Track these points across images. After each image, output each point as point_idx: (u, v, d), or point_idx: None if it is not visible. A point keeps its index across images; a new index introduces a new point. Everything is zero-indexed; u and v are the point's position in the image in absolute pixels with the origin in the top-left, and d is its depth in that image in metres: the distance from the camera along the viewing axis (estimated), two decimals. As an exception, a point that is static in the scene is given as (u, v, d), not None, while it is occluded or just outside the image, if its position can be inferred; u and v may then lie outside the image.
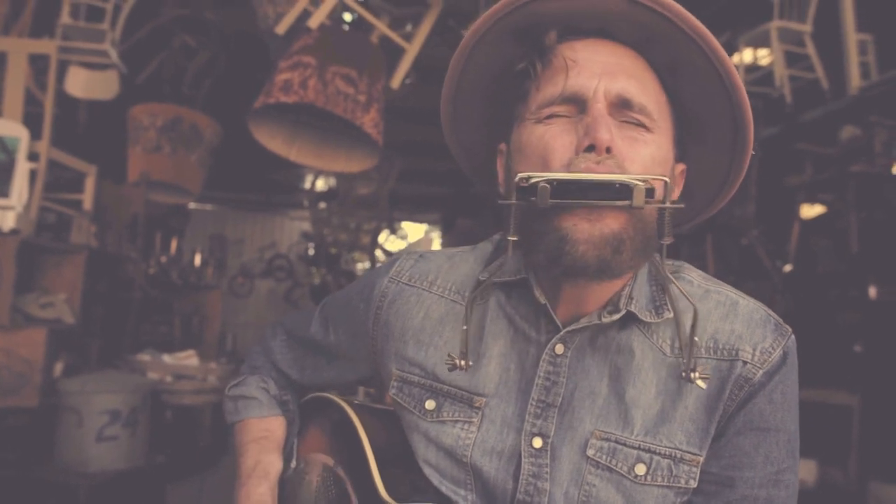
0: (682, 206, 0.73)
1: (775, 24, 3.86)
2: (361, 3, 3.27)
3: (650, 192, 0.66)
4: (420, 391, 0.86)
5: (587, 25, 0.77)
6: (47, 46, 3.51)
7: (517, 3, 0.75)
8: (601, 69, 0.75)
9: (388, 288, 0.92)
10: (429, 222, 11.42)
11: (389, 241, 9.43)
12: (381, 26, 3.13)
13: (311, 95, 2.76)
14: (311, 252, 9.08)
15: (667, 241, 0.68)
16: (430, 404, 0.85)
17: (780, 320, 0.81)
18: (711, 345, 0.78)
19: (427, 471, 0.85)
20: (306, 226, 9.96)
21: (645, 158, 0.74)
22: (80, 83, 4.02)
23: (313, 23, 2.99)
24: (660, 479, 0.76)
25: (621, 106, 0.74)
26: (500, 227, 0.89)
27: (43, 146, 3.30)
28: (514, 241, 0.69)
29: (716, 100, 0.77)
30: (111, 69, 3.96)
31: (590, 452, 0.77)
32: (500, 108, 0.85)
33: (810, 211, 4.37)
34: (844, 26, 3.68)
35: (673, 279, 0.73)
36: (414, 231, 11.58)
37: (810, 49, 3.91)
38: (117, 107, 4.16)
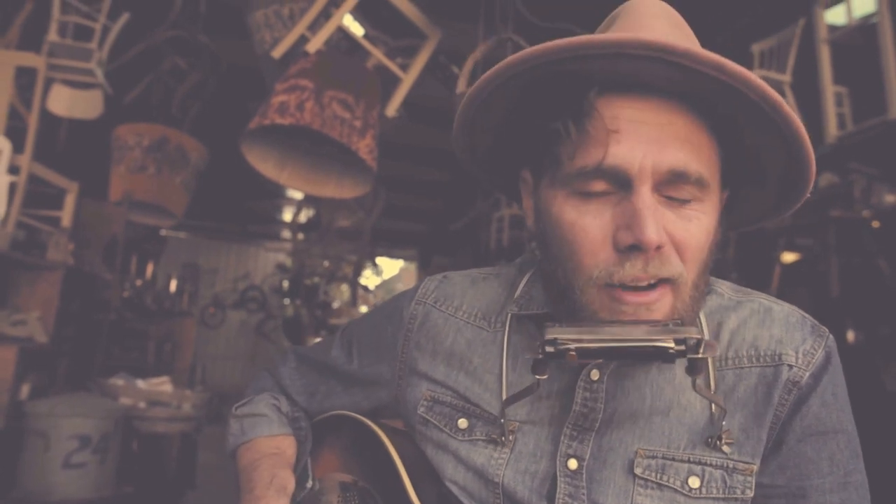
0: (716, 353, 0.74)
1: (756, 74, 4.01)
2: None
3: (680, 344, 0.62)
4: (451, 411, 0.85)
5: (632, 79, 0.67)
6: (35, 60, 3.46)
7: (546, 58, 0.65)
8: (648, 136, 0.66)
9: (417, 310, 0.91)
10: (405, 258, 11.38)
11: (365, 277, 9.37)
12: (378, 54, 3.16)
13: (308, 118, 2.74)
14: (286, 285, 8.98)
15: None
16: (462, 423, 0.83)
17: (816, 322, 0.79)
18: (752, 353, 0.77)
19: (454, 490, 0.82)
20: (282, 257, 9.86)
21: (698, 240, 0.69)
22: (63, 101, 3.94)
23: (311, 47, 3.00)
24: (715, 490, 0.73)
25: (673, 181, 0.66)
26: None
27: (25, 159, 3.22)
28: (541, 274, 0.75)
29: (772, 144, 0.70)
30: (96, 89, 3.91)
31: (637, 471, 0.74)
32: (522, 127, 0.76)
33: (788, 257, 4.45)
34: (822, 78, 3.82)
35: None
36: (389, 266, 11.53)
37: (790, 98, 4.04)
38: (101, 126, 4.09)
